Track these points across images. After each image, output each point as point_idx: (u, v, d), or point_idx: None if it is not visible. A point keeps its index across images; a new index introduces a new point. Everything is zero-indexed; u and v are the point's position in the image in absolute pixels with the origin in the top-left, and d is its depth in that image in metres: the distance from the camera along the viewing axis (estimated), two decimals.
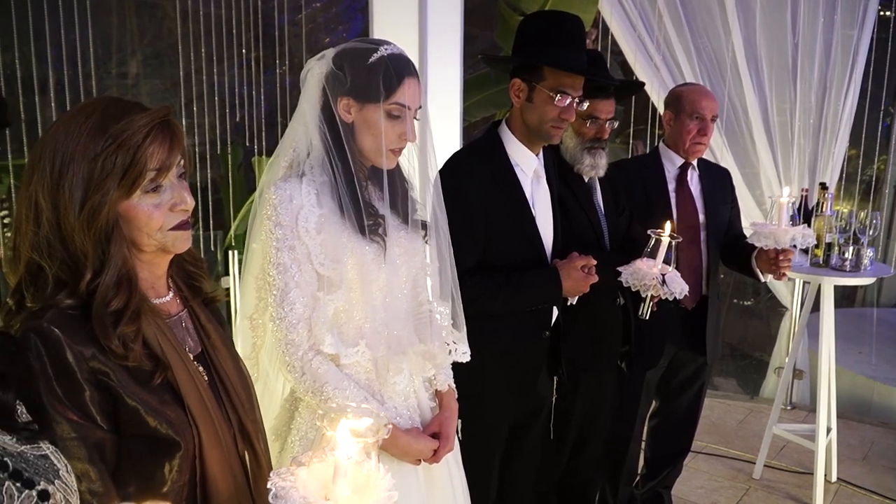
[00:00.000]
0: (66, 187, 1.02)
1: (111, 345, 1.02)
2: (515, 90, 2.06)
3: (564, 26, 2.02)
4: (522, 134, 2.08)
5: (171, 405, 1.07)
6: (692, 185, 2.68)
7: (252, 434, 1.22)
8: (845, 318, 5.38)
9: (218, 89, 3.62)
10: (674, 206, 2.64)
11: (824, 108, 3.79)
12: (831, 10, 3.68)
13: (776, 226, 2.45)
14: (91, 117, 1.04)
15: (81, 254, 1.03)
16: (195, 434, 1.08)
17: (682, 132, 2.63)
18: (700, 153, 2.68)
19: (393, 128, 1.52)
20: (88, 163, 1.02)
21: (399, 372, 1.58)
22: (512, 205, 2.05)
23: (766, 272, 2.57)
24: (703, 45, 3.82)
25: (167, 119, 1.07)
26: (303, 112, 1.55)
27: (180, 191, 1.09)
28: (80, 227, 1.03)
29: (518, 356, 2.11)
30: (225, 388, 1.19)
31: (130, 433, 1.04)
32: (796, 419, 4.06)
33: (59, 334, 0.99)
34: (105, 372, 1.02)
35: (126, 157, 1.03)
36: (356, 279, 1.54)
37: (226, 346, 1.25)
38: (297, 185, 1.50)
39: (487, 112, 4.74)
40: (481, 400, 2.04)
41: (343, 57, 1.52)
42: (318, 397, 1.51)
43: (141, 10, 4.60)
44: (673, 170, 2.68)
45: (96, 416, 1.00)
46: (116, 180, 1.03)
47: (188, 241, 1.15)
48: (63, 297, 1.02)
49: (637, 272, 2.08)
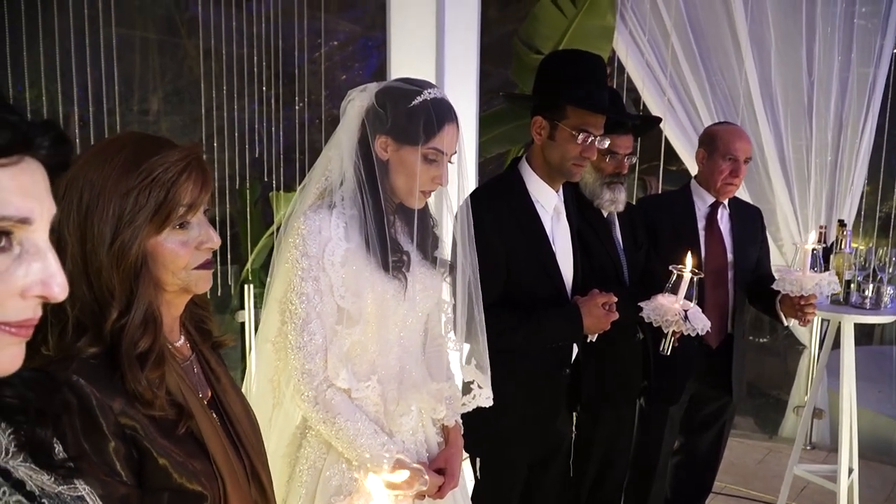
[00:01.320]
0: (96, 222, 1.00)
1: (139, 388, 1.00)
2: (537, 128, 2.07)
3: (586, 64, 2.05)
4: (543, 171, 2.09)
5: (197, 457, 1.06)
6: (722, 223, 2.68)
7: (264, 479, 1.21)
8: (864, 356, 5.29)
9: (238, 125, 3.67)
10: (702, 244, 2.64)
11: (840, 146, 3.79)
12: (847, 49, 3.70)
13: (800, 272, 2.45)
14: (122, 151, 1.03)
15: (108, 291, 1.01)
16: (220, 485, 1.07)
17: (714, 172, 2.63)
18: (731, 194, 2.69)
19: (428, 171, 1.54)
20: (120, 197, 1.00)
21: (406, 412, 1.57)
22: (532, 241, 2.05)
23: (790, 317, 2.57)
24: (718, 83, 3.85)
25: (199, 156, 1.07)
26: (339, 142, 1.57)
27: (207, 229, 1.08)
28: (108, 263, 1.00)
29: (538, 392, 2.10)
30: (237, 434, 1.18)
31: (156, 487, 1.02)
32: (816, 459, 3.99)
33: (88, 388, 0.97)
34: (133, 427, 1.00)
35: (160, 193, 1.01)
36: (374, 314, 1.54)
37: (234, 390, 1.24)
38: (326, 217, 1.51)
39: (503, 148, 4.77)
40: (501, 438, 2.02)
41: (386, 95, 1.54)
42: (329, 428, 1.51)
43: (163, 48, 4.70)
44: (703, 208, 2.67)
45: (121, 471, 0.98)
46: (148, 216, 1.01)
47: (210, 281, 1.12)
48: (85, 346, 0.99)
49: (659, 308, 2.07)
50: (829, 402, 4.28)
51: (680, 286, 2.07)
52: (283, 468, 1.66)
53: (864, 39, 3.69)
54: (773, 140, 3.92)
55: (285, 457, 1.67)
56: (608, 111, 2.04)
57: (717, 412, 2.78)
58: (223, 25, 3.56)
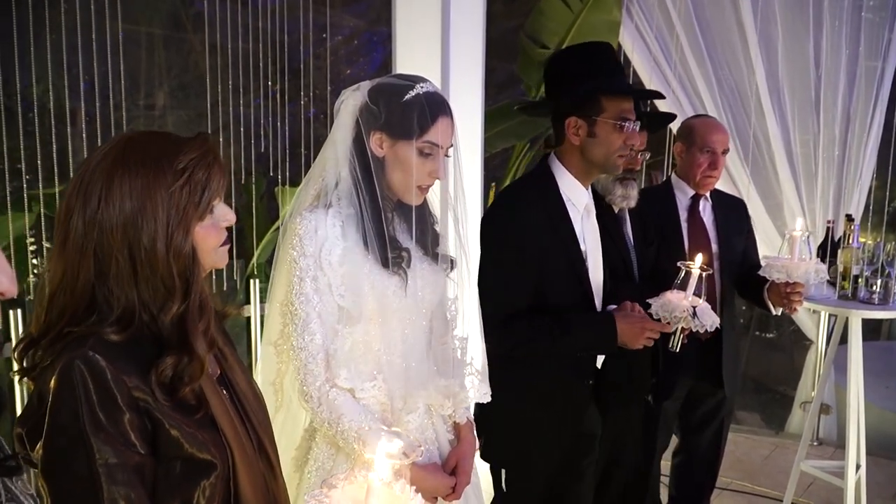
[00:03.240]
0: (144, 226, 1.05)
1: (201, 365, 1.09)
2: (573, 129, 2.02)
3: (605, 54, 2.04)
4: (578, 169, 2.06)
5: (207, 428, 1.10)
6: (705, 215, 2.68)
7: (270, 453, 1.25)
8: (872, 351, 5.27)
9: (243, 121, 3.67)
10: (685, 236, 2.64)
11: (848, 140, 3.77)
12: (855, 42, 3.67)
13: (789, 259, 2.44)
14: (145, 153, 1.08)
15: (164, 286, 1.07)
16: (230, 456, 1.11)
17: (692, 165, 2.65)
18: (710, 186, 2.70)
19: (424, 165, 1.53)
20: (164, 200, 1.06)
21: (413, 410, 1.57)
22: (565, 244, 2.03)
23: (778, 305, 2.56)
24: (725, 77, 3.83)
25: (214, 145, 1.14)
26: (334, 142, 1.57)
27: (223, 207, 1.15)
28: (164, 261, 1.07)
29: (561, 403, 2.08)
30: (244, 408, 1.22)
31: (169, 456, 1.07)
32: (823, 455, 3.97)
33: (103, 363, 1.02)
34: (146, 400, 1.05)
35: (199, 188, 1.09)
36: (376, 311, 1.54)
37: (241, 367, 1.28)
38: (322, 217, 1.51)
39: (508, 143, 4.76)
40: (525, 450, 2.03)
41: (379, 92, 1.53)
42: (333, 428, 1.51)
43: (168, 44, 4.70)
44: (685, 200, 2.69)
45: (136, 441, 1.03)
46: (193, 211, 1.09)
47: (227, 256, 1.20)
48: (108, 332, 1.05)
49: (667, 304, 2.06)
50: (837, 397, 4.27)
51: (689, 282, 2.06)
52: (292, 472, 1.66)
53: (871, 33, 3.67)
54: (780, 134, 3.90)
55: (294, 460, 1.67)
56: (643, 94, 2.03)
57: (714, 409, 2.77)
58: (228, 20, 3.55)
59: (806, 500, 3.52)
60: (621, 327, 1.99)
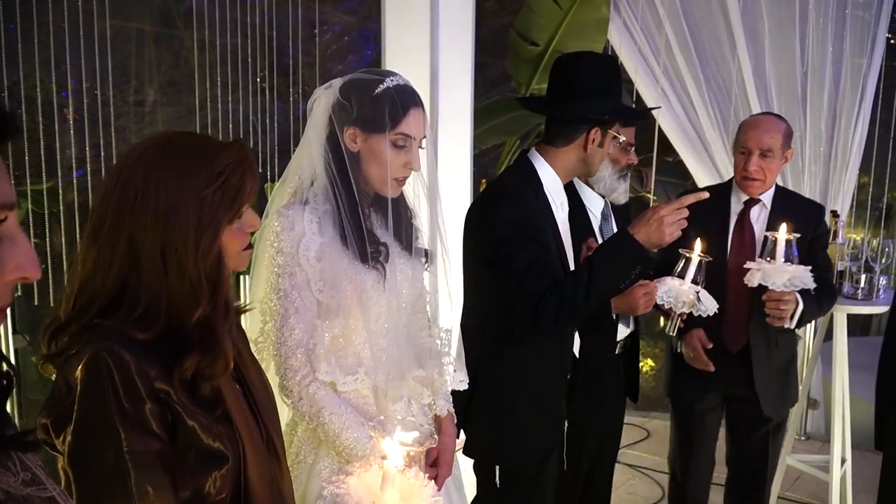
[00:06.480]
0: (177, 225, 1.09)
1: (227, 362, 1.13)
2: (593, 139, 2.02)
3: (617, 73, 2.11)
4: (566, 169, 2.08)
5: (221, 421, 1.15)
6: (757, 223, 2.53)
7: (278, 446, 1.28)
8: (860, 346, 5.29)
9: (232, 117, 3.68)
10: (730, 242, 2.53)
11: (834, 136, 3.79)
12: (840, 39, 3.69)
13: (771, 263, 2.29)
14: (184, 153, 1.12)
15: (191, 285, 1.10)
16: (241, 449, 1.15)
17: (735, 167, 2.53)
18: (754, 190, 2.51)
19: (398, 157, 1.55)
20: (198, 200, 1.09)
21: (398, 399, 1.58)
22: (555, 239, 2.05)
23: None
24: (712, 74, 3.84)
25: (249, 152, 1.17)
26: (308, 140, 1.59)
27: (251, 213, 1.19)
28: (194, 260, 1.10)
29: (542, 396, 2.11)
30: (256, 402, 1.26)
31: (185, 445, 1.12)
32: (811, 450, 4.00)
33: (127, 356, 1.06)
34: (167, 391, 1.09)
35: (231, 192, 1.12)
36: (355, 306, 1.56)
37: (252, 361, 1.32)
38: (299, 213, 1.53)
39: (498, 139, 4.77)
40: (513, 443, 2.06)
41: (350, 87, 1.55)
42: (314, 422, 1.53)
43: (158, 40, 4.70)
44: (737, 206, 2.56)
45: (156, 429, 1.08)
46: (224, 214, 1.12)
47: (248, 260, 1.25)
48: (136, 330, 1.08)
49: (671, 290, 2.09)
50: (824, 392, 4.29)
51: (688, 269, 2.08)
52: None
53: (857, 29, 3.68)
54: None
55: None
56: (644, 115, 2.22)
57: (754, 425, 2.64)
58: (217, 17, 3.56)
59: (792, 495, 3.54)
60: (637, 232, 1.84)
